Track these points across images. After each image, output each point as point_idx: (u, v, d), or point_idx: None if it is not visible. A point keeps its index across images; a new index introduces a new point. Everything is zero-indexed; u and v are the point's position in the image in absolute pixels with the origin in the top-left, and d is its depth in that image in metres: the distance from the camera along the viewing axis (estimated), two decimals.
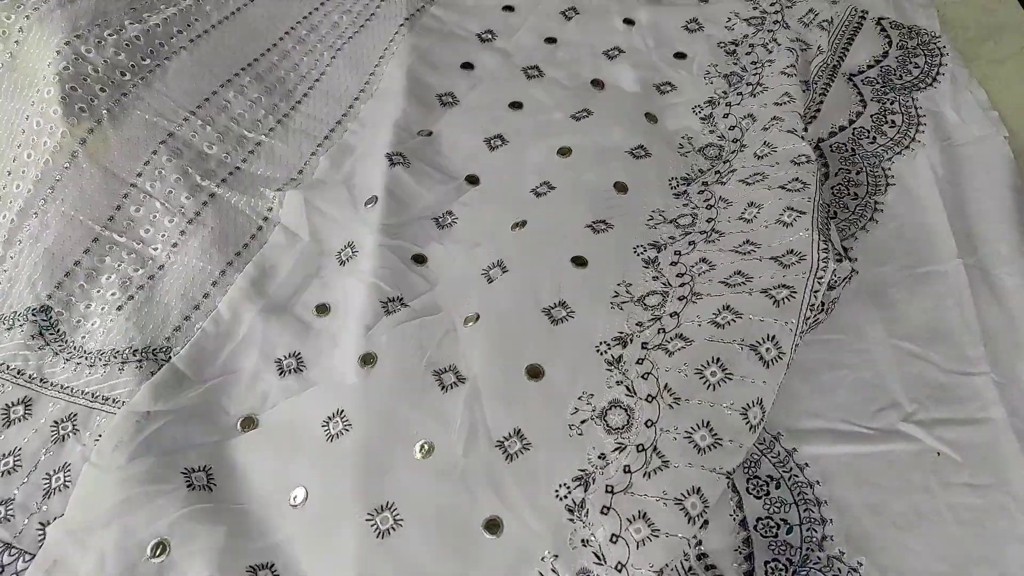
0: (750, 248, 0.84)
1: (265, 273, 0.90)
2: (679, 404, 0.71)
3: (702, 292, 0.80)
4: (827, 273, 0.77)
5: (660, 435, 0.69)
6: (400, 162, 0.99)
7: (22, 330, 0.83)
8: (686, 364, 0.73)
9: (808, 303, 0.75)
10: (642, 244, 0.89)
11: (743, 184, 0.94)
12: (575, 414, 0.74)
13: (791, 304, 0.74)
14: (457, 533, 0.69)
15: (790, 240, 0.83)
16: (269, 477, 0.74)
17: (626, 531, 0.65)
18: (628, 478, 0.68)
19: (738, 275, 0.80)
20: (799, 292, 0.75)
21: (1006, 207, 0.95)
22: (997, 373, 0.81)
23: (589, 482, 0.69)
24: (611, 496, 0.67)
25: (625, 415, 0.72)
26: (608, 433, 0.72)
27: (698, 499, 0.66)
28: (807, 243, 0.81)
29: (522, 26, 1.24)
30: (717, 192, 0.96)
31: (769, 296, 0.76)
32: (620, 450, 0.70)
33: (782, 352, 0.72)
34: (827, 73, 1.14)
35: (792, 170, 0.93)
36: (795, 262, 0.80)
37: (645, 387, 0.73)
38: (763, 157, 0.97)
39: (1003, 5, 1.25)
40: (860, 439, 0.77)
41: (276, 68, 1.16)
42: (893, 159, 1.03)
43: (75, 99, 0.98)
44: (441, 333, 0.82)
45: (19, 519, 0.71)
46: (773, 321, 0.74)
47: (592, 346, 0.79)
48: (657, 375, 0.73)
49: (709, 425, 0.69)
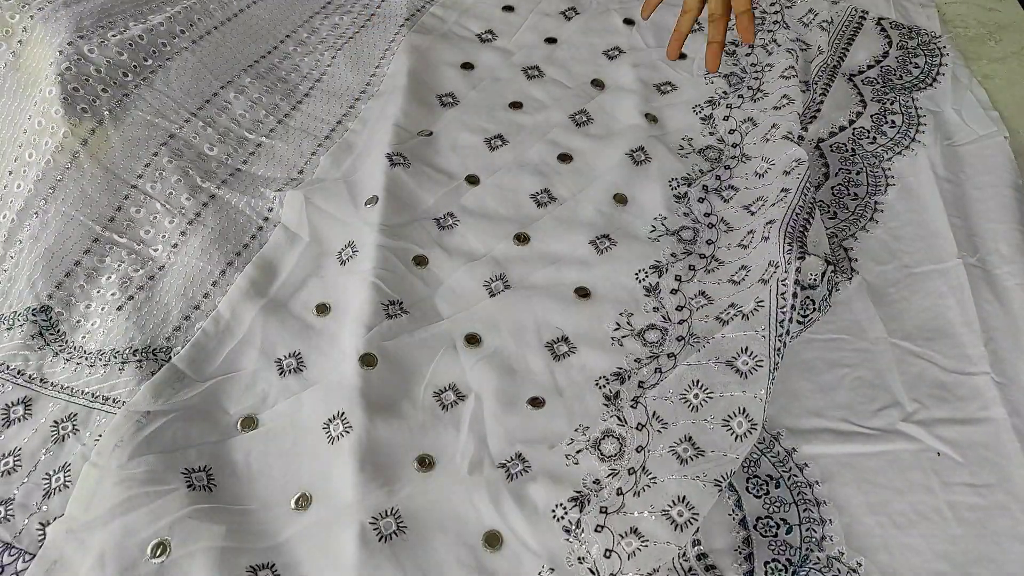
0: (744, 275, 0.86)
1: (265, 273, 0.90)
2: (667, 429, 0.74)
3: (699, 334, 0.83)
4: (791, 273, 0.79)
5: (648, 456, 0.73)
6: (400, 162, 0.99)
7: (22, 330, 0.83)
8: (671, 391, 0.76)
9: (779, 307, 0.77)
10: (643, 268, 0.91)
11: (746, 212, 0.95)
12: (571, 444, 0.76)
13: (759, 314, 0.78)
14: (459, 544, 0.70)
15: (770, 252, 0.85)
16: (270, 478, 0.74)
17: (618, 545, 0.68)
18: (620, 499, 0.71)
19: (731, 308, 0.83)
20: (766, 301, 0.78)
21: (1007, 206, 0.95)
22: (998, 372, 0.80)
23: (584, 503, 0.71)
24: (605, 516, 0.70)
25: (617, 443, 0.75)
26: (602, 461, 0.74)
27: (684, 507, 0.68)
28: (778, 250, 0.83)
29: (522, 26, 1.24)
30: (720, 211, 0.97)
31: (741, 314, 0.79)
32: (613, 475, 0.73)
33: (759, 361, 0.75)
34: (827, 73, 1.14)
35: (780, 181, 0.94)
36: (773, 274, 0.82)
37: (634, 416, 0.76)
38: (763, 175, 0.99)
39: (1003, 4, 1.25)
40: (860, 438, 0.77)
41: (277, 68, 1.16)
42: (893, 159, 1.03)
43: (77, 99, 0.98)
44: (440, 351, 0.83)
45: (19, 519, 0.71)
46: (743, 334, 0.77)
47: (591, 380, 0.81)
48: (646, 403, 0.77)
49: (691, 439, 0.72)
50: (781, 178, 0.95)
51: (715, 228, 0.95)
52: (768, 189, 0.95)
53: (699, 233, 0.94)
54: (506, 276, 0.90)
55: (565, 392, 0.80)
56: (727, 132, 1.07)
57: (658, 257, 0.92)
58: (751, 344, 0.76)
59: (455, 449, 0.76)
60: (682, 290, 0.88)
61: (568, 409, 0.79)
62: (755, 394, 0.73)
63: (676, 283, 0.89)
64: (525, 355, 0.83)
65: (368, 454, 0.73)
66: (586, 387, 0.81)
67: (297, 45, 1.20)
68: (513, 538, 0.70)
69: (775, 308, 0.78)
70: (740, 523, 0.71)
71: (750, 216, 0.94)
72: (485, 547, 0.70)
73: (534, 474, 0.74)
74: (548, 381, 0.81)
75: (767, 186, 0.96)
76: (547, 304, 0.87)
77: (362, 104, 1.12)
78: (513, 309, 0.87)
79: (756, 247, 0.88)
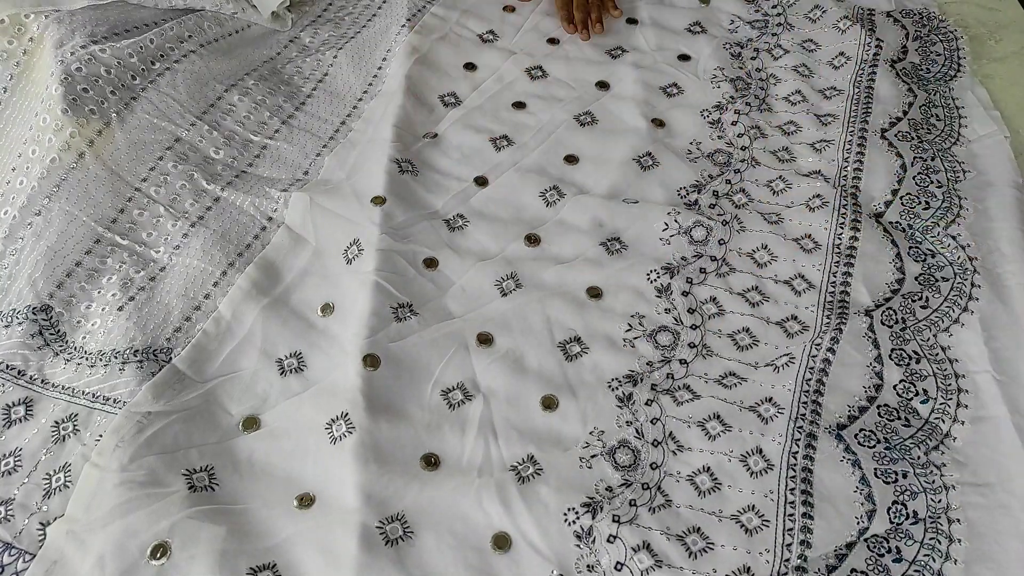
0: (759, 299, 0.88)
1: (267, 273, 0.90)
2: (682, 451, 0.76)
3: (711, 347, 0.84)
4: (824, 340, 0.82)
5: (664, 477, 0.74)
6: (409, 170, 0.99)
7: (20, 328, 0.83)
8: (690, 416, 0.78)
9: (808, 366, 0.81)
10: (655, 269, 0.91)
11: (761, 218, 0.96)
12: (586, 448, 0.76)
13: (788, 370, 0.81)
14: (467, 547, 0.70)
15: (794, 308, 0.88)
16: (272, 477, 0.75)
17: (631, 560, 0.68)
18: (634, 511, 0.71)
19: (745, 333, 0.85)
20: (797, 358, 0.81)
21: (1007, 206, 0.95)
22: (998, 371, 0.80)
23: (597, 510, 0.71)
24: (617, 526, 0.70)
25: (632, 455, 0.76)
26: (615, 470, 0.75)
27: (699, 536, 0.70)
28: (811, 317, 0.86)
29: (523, 26, 1.24)
30: (731, 213, 0.97)
31: (771, 365, 0.82)
32: (626, 486, 0.73)
33: (780, 410, 0.77)
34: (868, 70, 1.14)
35: (806, 219, 0.95)
36: (798, 331, 0.85)
37: (652, 432, 0.77)
38: (779, 193, 1.00)
39: (1003, 4, 1.25)
40: None
41: (280, 71, 1.16)
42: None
43: (86, 100, 0.99)
44: (451, 351, 0.83)
45: (19, 519, 0.71)
46: (772, 386, 0.80)
47: (604, 382, 0.81)
48: (664, 421, 0.78)
49: (709, 470, 0.74)
50: (804, 212, 0.96)
51: (728, 225, 0.95)
52: (784, 209, 0.97)
53: (711, 233, 0.94)
54: (517, 275, 0.90)
55: (579, 393, 0.80)
56: (736, 136, 1.07)
57: (669, 259, 0.92)
58: (776, 396, 0.79)
59: (462, 449, 0.76)
60: (693, 293, 0.89)
61: (581, 411, 0.79)
62: (773, 437, 0.75)
63: (687, 285, 0.89)
64: (538, 355, 0.83)
65: (371, 455, 0.73)
66: (599, 388, 0.81)
67: (300, 49, 1.21)
68: (522, 541, 0.70)
69: (804, 367, 0.80)
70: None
71: (767, 224, 0.95)
72: (494, 549, 0.69)
73: (546, 477, 0.74)
74: (561, 381, 0.81)
75: (785, 207, 0.98)
76: (559, 304, 0.87)
77: (364, 104, 1.12)
78: (525, 309, 0.86)
79: (777, 281, 0.90)
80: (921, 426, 0.76)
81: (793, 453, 0.74)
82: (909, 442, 0.75)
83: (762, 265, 0.91)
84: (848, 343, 0.82)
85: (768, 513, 0.71)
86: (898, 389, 0.79)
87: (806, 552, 0.68)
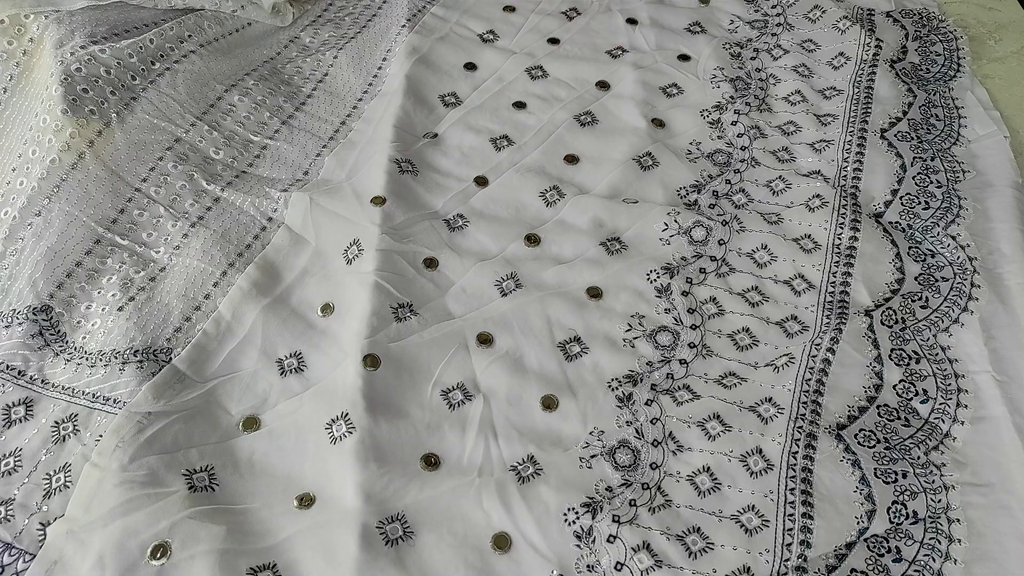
0: (759, 299, 0.89)
1: (267, 274, 0.90)
2: (682, 451, 0.76)
3: (711, 347, 0.84)
4: (824, 341, 0.82)
5: (664, 477, 0.74)
6: (409, 170, 0.99)
7: (21, 328, 0.83)
8: (690, 416, 0.78)
9: (808, 367, 0.81)
10: (655, 269, 0.91)
11: (761, 218, 0.96)
12: (586, 448, 0.76)
13: (788, 370, 0.81)
14: (467, 546, 0.70)
15: (794, 308, 0.88)
16: (273, 477, 0.75)
17: (631, 560, 0.68)
18: (633, 511, 0.71)
19: (745, 333, 0.86)
20: (797, 358, 0.81)
21: (1007, 206, 0.95)
22: (998, 371, 0.80)
23: (597, 510, 0.71)
24: (617, 526, 0.70)
25: (632, 455, 0.76)
26: (615, 470, 0.75)
27: (698, 536, 0.70)
28: (811, 317, 0.86)
29: (523, 26, 1.24)
30: (731, 213, 0.97)
31: (771, 365, 0.82)
32: (626, 486, 0.73)
33: (780, 410, 0.78)
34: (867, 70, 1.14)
35: (806, 219, 0.95)
36: (798, 331, 0.85)
37: (652, 432, 0.77)
38: (779, 193, 1.00)
39: (1003, 4, 1.25)
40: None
41: (280, 72, 1.16)
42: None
43: (86, 100, 0.99)
44: (451, 351, 0.83)
45: (19, 519, 0.71)
46: (771, 386, 0.80)
47: (604, 382, 0.82)
48: (664, 421, 0.78)
49: (709, 470, 0.74)
50: (804, 212, 0.96)
51: (728, 225, 0.95)
52: (784, 209, 0.97)
53: (711, 233, 0.94)
54: (517, 275, 0.90)
55: (579, 393, 0.80)
56: (736, 136, 1.07)
57: (669, 260, 0.92)
58: (776, 397, 0.79)
59: (462, 449, 0.76)
60: (693, 293, 0.89)
61: (581, 411, 0.79)
62: (773, 437, 0.75)
63: (687, 285, 0.89)
64: (538, 355, 0.83)
65: (371, 454, 0.73)
66: (599, 388, 0.81)
67: (300, 50, 1.21)
68: (522, 541, 0.70)
69: (804, 368, 0.80)
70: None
71: (767, 224, 0.95)
72: (494, 549, 0.69)
73: (546, 477, 0.74)
74: (561, 381, 0.81)
75: (785, 207, 0.98)
76: (559, 304, 0.87)
77: (365, 104, 1.12)
78: (525, 309, 0.87)
79: (777, 281, 0.90)
80: (921, 426, 0.76)
81: (793, 453, 0.74)
82: (909, 442, 0.75)
83: (762, 265, 0.92)
84: (848, 343, 0.82)
85: (768, 513, 0.71)
86: (898, 389, 0.79)
87: (806, 552, 0.68)
